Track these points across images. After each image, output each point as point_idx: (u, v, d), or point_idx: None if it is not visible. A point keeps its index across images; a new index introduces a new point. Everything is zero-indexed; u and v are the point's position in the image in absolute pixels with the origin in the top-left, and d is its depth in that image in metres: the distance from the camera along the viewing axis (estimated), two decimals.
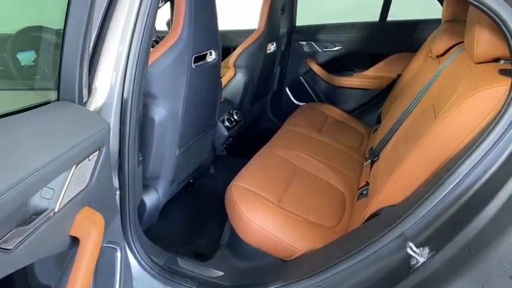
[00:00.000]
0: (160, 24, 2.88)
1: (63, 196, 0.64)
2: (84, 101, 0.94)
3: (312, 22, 2.59)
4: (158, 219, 1.58)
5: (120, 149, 1.06)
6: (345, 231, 1.33)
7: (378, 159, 1.52)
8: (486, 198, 0.71)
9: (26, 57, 1.35)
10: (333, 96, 2.56)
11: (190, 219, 1.81)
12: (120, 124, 1.04)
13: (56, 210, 0.63)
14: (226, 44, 2.68)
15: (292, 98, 2.70)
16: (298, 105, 2.67)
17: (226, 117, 1.94)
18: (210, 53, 1.47)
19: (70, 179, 0.66)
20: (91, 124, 0.77)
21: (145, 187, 1.46)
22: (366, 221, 1.12)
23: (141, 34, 0.98)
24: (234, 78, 2.05)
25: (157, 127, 1.31)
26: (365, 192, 1.48)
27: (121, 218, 1.15)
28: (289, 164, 1.64)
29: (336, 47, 2.44)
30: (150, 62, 1.22)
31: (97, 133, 0.75)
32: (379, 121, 2.26)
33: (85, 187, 0.73)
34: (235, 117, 2.00)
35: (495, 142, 0.75)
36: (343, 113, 2.36)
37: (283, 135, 1.92)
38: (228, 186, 1.42)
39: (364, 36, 2.37)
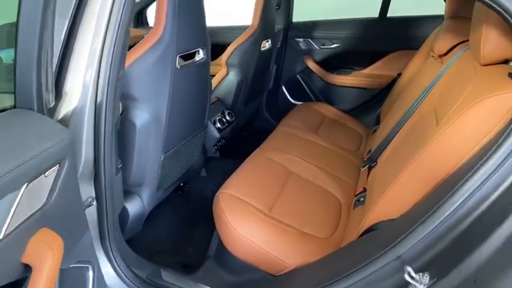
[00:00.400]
0: None
1: (10, 220, 0.56)
2: (50, 106, 0.85)
3: (309, 18, 2.50)
4: (144, 226, 1.50)
5: (95, 158, 0.98)
6: (339, 243, 1.25)
7: (375, 164, 1.44)
8: (497, 220, 0.63)
9: (6, 56, 1.27)
10: (330, 95, 2.47)
11: (178, 226, 1.73)
12: (95, 130, 0.95)
13: (0, 237, 0.55)
14: (220, 41, 2.60)
15: (288, 97, 2.60)
16: (295, 104, 2.58)
17: (218, 118, 1.85)
18: (198, 51, 1.38)
19: (19, 200, 0.58)
20: (48, 135, 0.68)
21: (129, 194, 1.38)
22: (362, 234, 1.04)
23: (116, 31, 0.89)
24: (226, 77, 1.96)
25: (139, 132, 1.23)
26: (362, 199, 1.39)
27: (99, 230, 1.08)
28: (282, 168, 1.55)
29: (333, 44, 2.34)
30: (129, 62, 1.14)
31: (55, 145, 0.67)
32: (378, 121, 2.17)
33: (41, 207, 0.65)
34: (228, 118, 1.92)
35: (507, 155, 0.66)
36: (341, 112, 2.27)
37: (277, 137, 1.84)
38: (216, 194, 1.33)
39: (363, 33, 2.27)
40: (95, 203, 1.04)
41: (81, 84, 0.92)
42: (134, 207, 1.39)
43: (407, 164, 0.92)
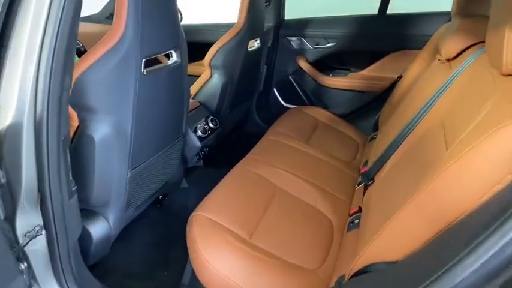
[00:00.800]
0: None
1: None
2: None
3: (302, 15, 2.32)
4: (116, 245, 1.34)
5: (38, 182, 0.82)
6: (329, 274, 1.09)
7: (372, 182, 1.27)
8: None
9: None
10: (325, 98, 2.30)
11: (154, 245, 1.56)
12: (36, 150, 0.79)
13: None
14: (207, 39, 2.42)
15: (280, 100, 2.43)
16: (287, 108, 2.41)
17: (199, 125, 1.68)
18: (170, 54, 1.21)
19: None
20: None
21: (93, 215, 1.22)
22: (353, 276, 0.87)
23: (56, 31, 0.72)
24: (210, 80, 1.79)
25: (98, 147, 1.05)
26: (356, 221, 1.23)
27: (51, 261, 0.92)
28: (267, 184, 1.38)
29: (328, 43, 2.17)
30: (83, 67, 0.97)
31: None
32: (376, 128, 2.00)
33: None
34: (211, 125, 1.74)
35: None
36: (336, 117, 2.10)
37: (263, 146, 1.67)
38: (190, 216, 1.17)
39: (361, 32, 2.10)
40: (44, 232, 0.88)
41: (16, 95, 0.76)
42: (98, 229, 1.22)
43: (409, 195, 0.75)
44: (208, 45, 2.45)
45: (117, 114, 1.05)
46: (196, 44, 2.52)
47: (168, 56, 1.22)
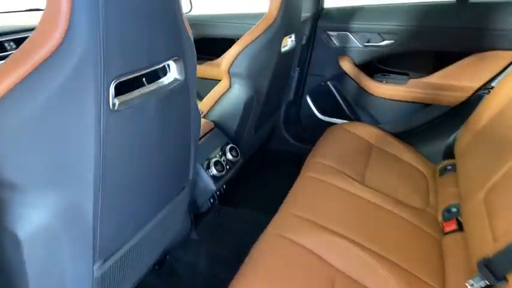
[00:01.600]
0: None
1: None
2: None
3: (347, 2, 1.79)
4: None
5: None
6: None
7: (505, 282, 0.76)
8: None
9: None
10: (375, 111, 1.78)
11: None
12: None
13: None
14: (220, 33, 1.93)
15: (314, 111, 1.92)
16: (323, 121, 1.90)
17: (214, 159, 1.19)
18: (167, 67, 0.72)
19: None
20: None
21: None
22: None
23: None
24: (228, 93, 1.29)
25: (28, 245, 0.57)
26: None
27: None
28: (319, 266, 0.89)
29: (384, 40, 1.63)
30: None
31: None
32: (448, 155, 1.50)
33: None
34: (229, 156, 1.25)
35: None
36: (391, 137, 1.59)
37: (302, 191, 1.18)
38: None
39: (431, 24, 1.56)
40: None
41: None
42: None
43: None
44: (224, 41, 1.95)
45: (63, 188, 0.57)
46: (209, 39, 2.03)
47: (164, 72, 0.73)
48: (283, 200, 1.13)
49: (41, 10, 1.14)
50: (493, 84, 1.45)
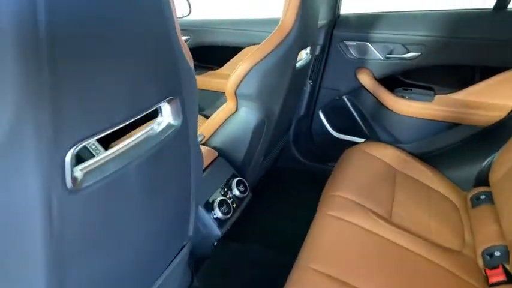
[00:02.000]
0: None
1: None
2: None
3: (364, 8, 1.61)
4: None
5: None
6: None
7: None
8: None
9: None
10: (396, 129, 1.60)
11: None
12: None
13: None
14: (224, 41, 1.74)
15: (327, 127, 1.74)
16: (336, 138, 1.72)
17: (218, 198, 1.00)
18: (159, 110, 0.53)
19: None
20: None
21: None
22: None
23: None
24: (234, 117, 1.11)
25: None
26: None
27: None
28: None
29: (409, 51, 1.45)
30: None
31: None
32: (481, 182, 1.33)
33: None
34: (237, 191, 1.07)
35: None
36: (416, 160, 1.42)
37: (320, 235, 1.01)
38: None
39: (463, 34, 1.37)
40: None
41: None
42: None
43: None
44: (226, 48, 1.77)
45: None
46: (210, 46, 1.84)
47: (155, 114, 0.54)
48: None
49: None
50: None
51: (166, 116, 0.53)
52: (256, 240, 1.35)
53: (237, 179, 1.08)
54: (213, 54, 1.85)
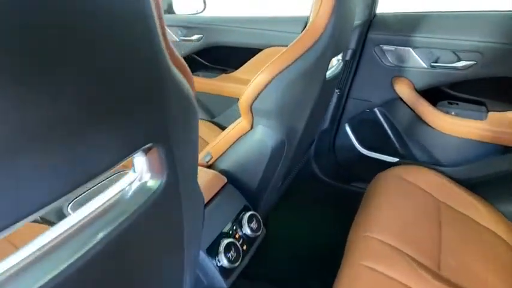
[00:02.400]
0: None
1: None
2: None
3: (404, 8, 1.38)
4: None
5: None
6: None
7: None
8: None
9: None
10: (437, 150, 1.37)
11: None
12: None
13: None
14: (239, 42, 1.54)
15: (354, 142, 1.52)
16: (363, 155, 1.50)
17: (225, 240, 0.80)
18: (130, 166, 0.33)
19: None
20: None
21: None
22: None
23: None
24: (249, 136, 0.91)
25: None
26: None
27: None
28: None
29: (460, 60, 1.22)
30: None
31: None
32: None
33: None
34: (248, 229, 0.86)
35: None
36: (460, 189, 1.20)
37: (349, 283, 0.79)
38: None
39: None
40: None
41: None
42: None
43: None
44: (242, 49, 1.57)
45: None
46: (224, 46, 1.64)
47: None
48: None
49: None
50: None
51: (142, 174, 0.33)
52: (267, 275, 1.15)
53: (250, 213, 0.88)
54: (228, 55, 1.65)
